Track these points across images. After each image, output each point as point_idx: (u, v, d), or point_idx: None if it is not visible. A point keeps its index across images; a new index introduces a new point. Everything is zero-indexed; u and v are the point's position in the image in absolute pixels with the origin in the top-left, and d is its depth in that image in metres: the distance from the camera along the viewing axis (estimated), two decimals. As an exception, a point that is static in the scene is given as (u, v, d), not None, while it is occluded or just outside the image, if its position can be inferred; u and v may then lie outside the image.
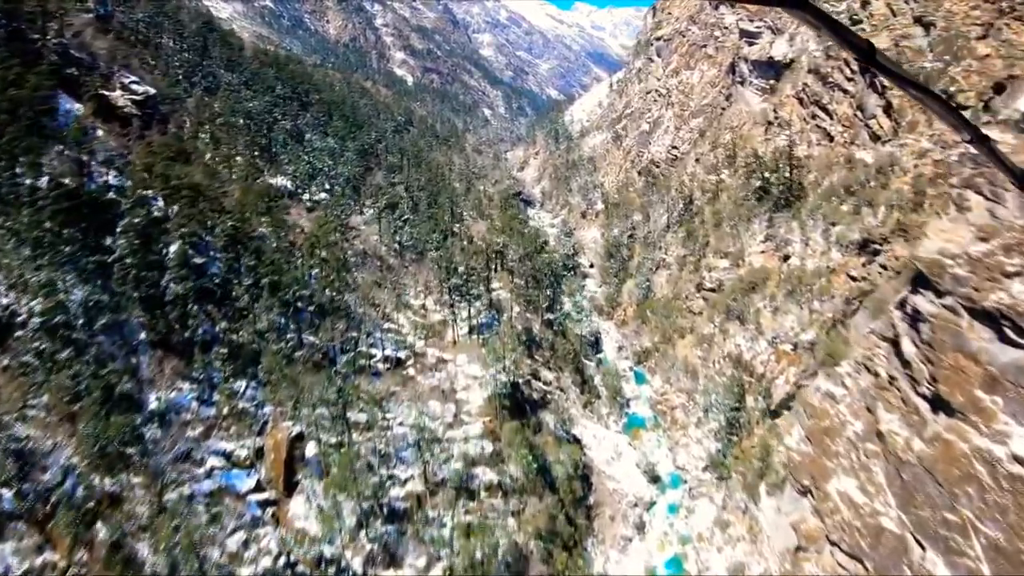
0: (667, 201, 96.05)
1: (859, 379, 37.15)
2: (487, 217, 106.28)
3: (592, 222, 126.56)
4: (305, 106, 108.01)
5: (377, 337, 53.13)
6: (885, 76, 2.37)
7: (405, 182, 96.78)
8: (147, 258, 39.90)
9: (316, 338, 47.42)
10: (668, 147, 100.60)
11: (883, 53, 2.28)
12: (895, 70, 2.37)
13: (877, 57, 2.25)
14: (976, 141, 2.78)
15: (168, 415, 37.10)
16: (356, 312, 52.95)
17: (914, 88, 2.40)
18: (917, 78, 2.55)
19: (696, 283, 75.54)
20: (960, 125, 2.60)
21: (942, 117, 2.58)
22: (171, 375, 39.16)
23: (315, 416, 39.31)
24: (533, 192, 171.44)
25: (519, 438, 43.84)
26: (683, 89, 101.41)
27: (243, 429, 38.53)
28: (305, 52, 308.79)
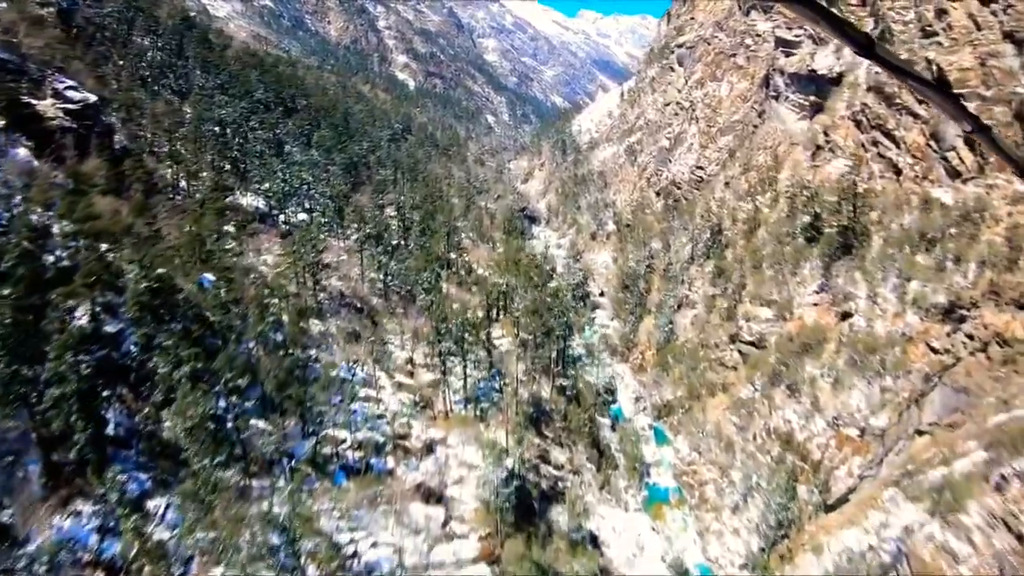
0: (691, 229, 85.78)
1: (994, 537, 26.82)
2: (488, 240, 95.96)
3: (603, 245, 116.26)
4: (289, 113, 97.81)
5: (351, 411, 42.69)
6: (885, 69, 2.34)
7: (397, 201, 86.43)
8: (37, 327, 29.55)
9: (267, 424, 37.06)
10: (692, 167, 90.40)
11: (882, 45, 2.26)
12: (895, 62, 2.32)
13: (876, 50, 2.23)
14: (978, 131, 2.64)
15: (58, 557, 26.53)
16: (324, 378, 42.52)
17: (914, 80, 2.36)
18: (915, 68, 2.41)
19: (731, 333, 65.09)
20: (961, 115, 2.52)
21: (943, 108, 2.51)
22: (67, 494, 28.80)
23: (258, 548, 28.82)
24: (538, 207, 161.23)
25: (526, 565, 33.41)
26: (709, 103, 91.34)
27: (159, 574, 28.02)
28: (304, 53, 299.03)
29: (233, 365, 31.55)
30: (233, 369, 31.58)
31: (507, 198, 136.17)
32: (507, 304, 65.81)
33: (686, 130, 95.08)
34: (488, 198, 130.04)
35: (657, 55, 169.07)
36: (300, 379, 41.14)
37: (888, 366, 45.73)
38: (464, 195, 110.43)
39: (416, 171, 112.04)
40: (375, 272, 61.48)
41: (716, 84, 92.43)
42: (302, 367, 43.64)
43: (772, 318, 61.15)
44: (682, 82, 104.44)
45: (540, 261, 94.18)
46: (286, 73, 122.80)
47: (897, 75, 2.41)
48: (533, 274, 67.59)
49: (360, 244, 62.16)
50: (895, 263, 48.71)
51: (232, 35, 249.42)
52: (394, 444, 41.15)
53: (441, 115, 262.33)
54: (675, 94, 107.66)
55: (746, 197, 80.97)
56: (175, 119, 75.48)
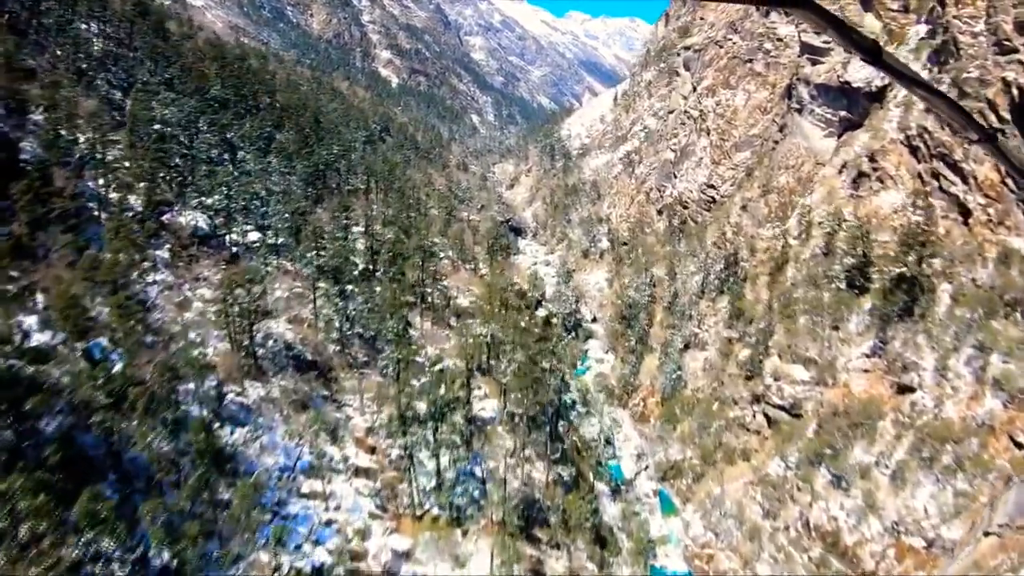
0: (701, 257, 76.25)
1: None
2: (471, 260, 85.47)
3: (596, 264, 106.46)
4: (248, 113, 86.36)
5: (289, 518, 32.16)
6: (892, 76, 2.34)
7: (367, 214, 75.67)
8: None
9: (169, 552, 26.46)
10: (702, 185, 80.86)
11: (889, 53, 2.24)
12: (902, 70, 2.30)
13: (884, 57, 2.21)
14: (984, 140, 2.60)
15: None
16: (254, 481, 31.94)
17: (921, 88, 2.33)
18: (922, 78, 2.38)
19: (754, 392, 55.46)
20: (968, 124, 2.50)
21: (950, 117, 2.48)
22: None
23: None
24: (524, 217, 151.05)
25: None
26: (723, 113, 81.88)
27: None
28: (283, 46, 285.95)
29: (99, 513, 20.82)
30: (100, 522, 20.89)
31: (491, 208, 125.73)
32: (492, 358, 55.28)
33: (694, 142, 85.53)
34: (471, 208, 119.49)
35: (655, 58, 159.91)
36: (225, 473, 30.58)
37: (963, 463, 36.23)
38: (444, 206, 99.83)
39: (392, 178, 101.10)
40: (332, 312, 50.64)
41: (730, 92, 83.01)
42: (228, 458, 33.04)
43: (809, 380, 51.53)
44: (689, 88, 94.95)
45: (528, 288, 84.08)
46: (252, 67, 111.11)
47: (904, 83, 2.34)
48: (522, 320, 57.02)
49: (315, 278, 51.26)
50: (970, 329, 39.20)
51: (206, 25, 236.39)
52: (346, 571, 30.60)
53: (424, 114, 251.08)
54: (680, 101, 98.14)
55: (766, 223, 71.58)
56: (112, 120, 64.39)
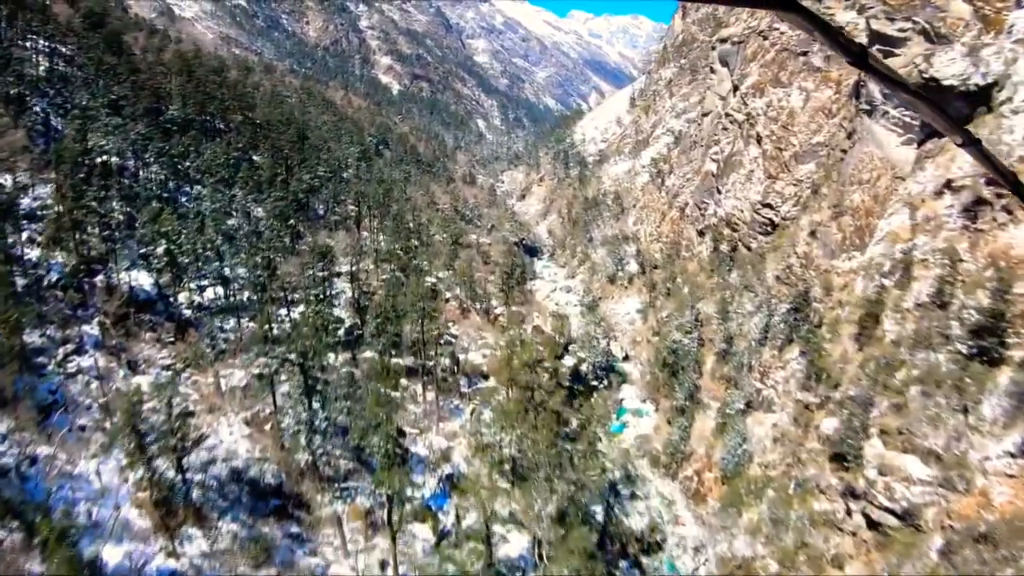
0: (760, 293, 62.50)
1: None
2: (483, 299, 72.05)
3: (624, 290, 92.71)
4: (213, 135, 73.60)
5: None
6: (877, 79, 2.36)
7: (355, 254, 62.60)
8: None
9: None
10: (756, 204, 66.90)
11: (875, 56, 2.23)
12: (887, 73, 2.30)
13: (869, 60, 2.19)
14: (968, 144, 2.66)
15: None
16: None
17: (905, 91, 2.35)
18: (908, 82, 2.42)
19: (849, 483, 41.67)
20: (952, 128, 2.54)
21: (934, 120, 2.51)
22: None
23: None
24: (538, 232, 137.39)
25: None
26: (776, 116, 67.89)
27: None
28: (278, 56, 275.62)
29: None
30: None
31: (502, 227, 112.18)
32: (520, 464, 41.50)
33: (741, 151, 71.60)
34: (480, 229, 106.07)
35: (673, 53, 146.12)
36: None
37: None
38: (449, 232, 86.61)
39: (389, 200, 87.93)
40: (301, 416, 37.20)
41: (783, 91, 69.01)
42: None
43: (930, 480, 37.49)
44: (728, 87, 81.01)
45: (550, 330, 70.76)
46: (229, 81, 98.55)
47: (888, 86, 2.35)
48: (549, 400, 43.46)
49: (273, 369, 37.91)
50: None
51: (197, 37, 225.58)
52: None
53: (427, 122, 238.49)
54: (716, 102, 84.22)
55: (840, 253, 57.71)
56: (44, 156, 52.01)
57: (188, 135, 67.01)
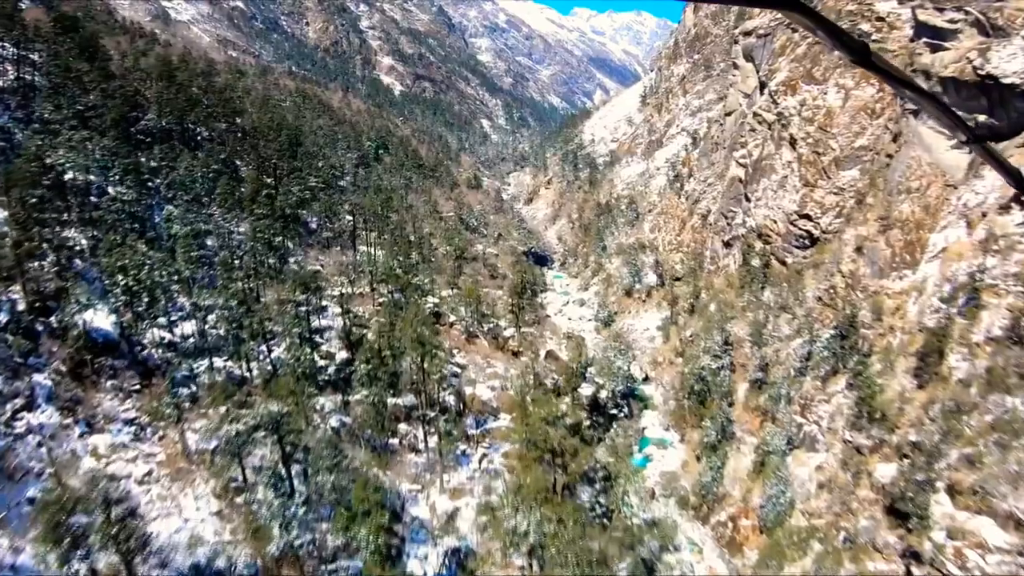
0: (799, 314, 55.90)
1: None
2: (490, 320, 65.58)
3: (642, 303, 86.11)
4: (193, 146, 67.48)
5: None
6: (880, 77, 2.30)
7: (349, 278, 56.30)
8: None
9: None
10: (792, 214, 60.09)
11: (878, 54, 2.19)
12: (891, 71, 2.26)
13: (872, 58, 2.16)
14: (973, 142, 2.59)
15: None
16: None
17: (910, 89, 2.30)
18: (911, 78, 2.38)
19: (910, 543, 35.17)
20: (956, 126, 2.50)
21: (938, 119, 2.47)
22: None
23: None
24: (547, 238, 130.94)
25: None
26: (811, 116, 61.03)
27: None
28: (277, 59, 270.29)
29: None
30: None
31: (510, 236, 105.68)
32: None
33: (772, 155, 64.77)
34: (486, 238, 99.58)
35: (686, 49, 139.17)
36: None
37: None
38: (453, 243, 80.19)
39: (387, 212, 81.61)
40: (273, 502, 30.77)
41: (817, 89, 62.11)
42: None
43: (1009, 548, 30.99)
44: (753, 84, 74.27)
45: (566, 354, 64.38)
46: (217, 86, 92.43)
47: (892, 84, 2.31)
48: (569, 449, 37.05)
49: (244, 439, 31.55)
50: None
51: (192, 41, 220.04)
52: None
53: (430, 123, 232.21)
54: (740, 100, 77.44)
55: (890, 271, 51.01)
56: None
57: (164, 147, 60.81)
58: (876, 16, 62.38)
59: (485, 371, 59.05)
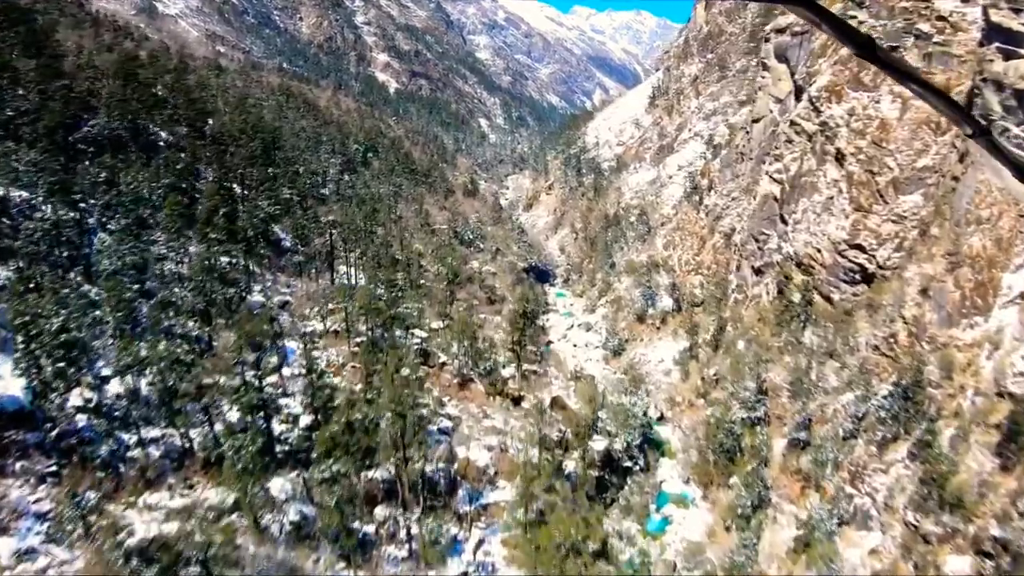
0: (851, 364, 47.30)
1: None
2: (486, 358, 56.72)
3: (655, 331, 77.44)
4: (145, 157, 58.37)
5: None
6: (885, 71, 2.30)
7: (319, 310, 47.39)
8: None
9: None
10: (839, 243, 51.29)
11: (883, 48, 2.28)
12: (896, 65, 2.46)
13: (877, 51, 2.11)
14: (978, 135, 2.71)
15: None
16: None
17: (915, 82, 2.28)
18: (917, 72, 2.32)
19: None
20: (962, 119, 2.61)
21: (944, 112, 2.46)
22: None
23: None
24: (548, 247, 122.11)
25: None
26: (862, 129, 52.34)
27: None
28: (267, 54, 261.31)
29: None
30: None
31: (509, 250, 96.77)
32: None
33: (814, 171, 56.00)
34: (483, 253, 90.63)
35: (698, 48, 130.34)
36: None
37: None
38: (446, 262, 71.29)
39: (371, 226, 72.72)
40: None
41: (868, 96, 53.33)
42: None
43: None
44: (786, 88, 65.55)
45: (576, 400, 55.71)
46: (187, 85, 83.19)
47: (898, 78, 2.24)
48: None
49: None
50: None
51: (179, 36, 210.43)
52: None
53: (425, 122, 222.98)
54: (770, 105, 68.73)
55: (960, 318, 42.31)
56: None
57: (115, 157, 51.73)
58: (936, 15, 52.93)
59: (481, 424, 50.25)
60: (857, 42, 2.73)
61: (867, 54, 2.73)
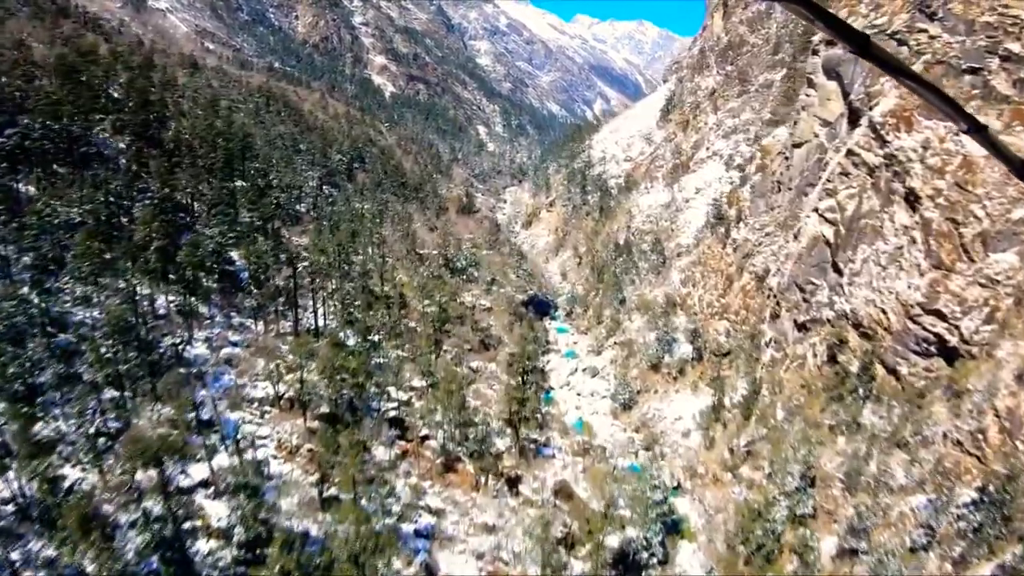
0: (922, 462, 37.50)
1: None
2: (479, 461, 46.54)
3: (671, 383, 67.53)
4: (79, 167, 48.25)
5: None
6: (880, 68, 2.28)
7: (270, 378, 37.29)
8: None
9: None
10: (911, 304, 41.47)
11: (877, 45, 2.20)
12: (891, 61, 2.26)
13: (872, 49, 2.18)
14: (974, 131, 2.55)
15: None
16: None
17: (910, 79, 2.31)
18: (911, 69, 2.32)
19: None
20: (957, 115, 2.44)
21: (939, 108, 2.45)
22: None
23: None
24: (548, 270, 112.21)
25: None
26: (941, 167, 42.70)
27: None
28: (259, 52, 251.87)
29: None
30: None
31: (507, 278, 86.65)
32: None
33: (877, 212, 46.29)
34: (477, 283, 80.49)
35: (717, 59, 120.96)
36: None
37: None
38: (434, 298, 61.23)
39: (347, 255, 62.57)
40: None
41: (945, 128, 43.71)
42: None
43: None
44: (838, 109, 56.01)
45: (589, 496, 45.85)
46: (140, 85, 72.69)
47: (892, 74, 2.30)
48: None
49: None
50: None
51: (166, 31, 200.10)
52: None
53: (421, 129, 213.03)
54: (816, 129, 59.13)
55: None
56: None
57: (31, 173, 41.47)
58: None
59: (470, 519, 40.07)
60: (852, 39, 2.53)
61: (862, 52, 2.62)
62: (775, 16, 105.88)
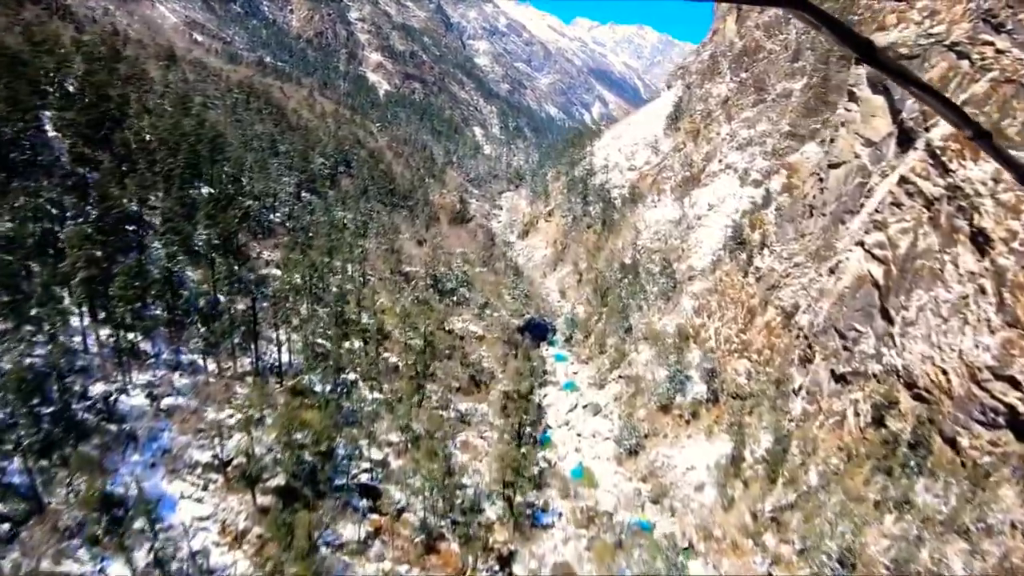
0: (986, 554, 30.57)
1: None
2: (466, 540, 39.30)
3: (683, 426, 60.51)
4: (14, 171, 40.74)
5: None
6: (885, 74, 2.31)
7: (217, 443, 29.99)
8: None
9: None
10: (978, 367, 34.65)
11: (883, 51, 2.19)
12: (896, 68, 2.27)
13: (877, 55, 2.18)
14: (978, 138, 2.50)
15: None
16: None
17: (915, 85, 2.31)
18: (917, 76, 2.34)
19: None
20: (962, 122, 2.41)
21: (943, 114, 2.43)
22: None
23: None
24: (546, 286, 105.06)
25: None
26: (1015, 205, 36.07)
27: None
28: (250, 46, 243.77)
29: None
30: None
31: (502, 300, 79.37)
32: None
33: (936, 252, 39.55)
34: (468, 306, 73.22)
35: (730, 65, 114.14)
36: None
37: None
38: (419, 329, 54.00)
39: (321, 275, 55.16)
40: None
41: (1021, 156, 37.07)
42: None
43: None
44: (884, 128, 49.17)
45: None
46: (100, 80, 65.04)
47: (898, 81, 2.31)
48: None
49: None
50: None
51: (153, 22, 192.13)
52: None
53: (416, 129, 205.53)
54: (857, 149, 52.24)
55: None
56: None
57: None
58: None
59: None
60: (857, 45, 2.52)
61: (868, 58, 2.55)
62: (794, 20, 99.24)
